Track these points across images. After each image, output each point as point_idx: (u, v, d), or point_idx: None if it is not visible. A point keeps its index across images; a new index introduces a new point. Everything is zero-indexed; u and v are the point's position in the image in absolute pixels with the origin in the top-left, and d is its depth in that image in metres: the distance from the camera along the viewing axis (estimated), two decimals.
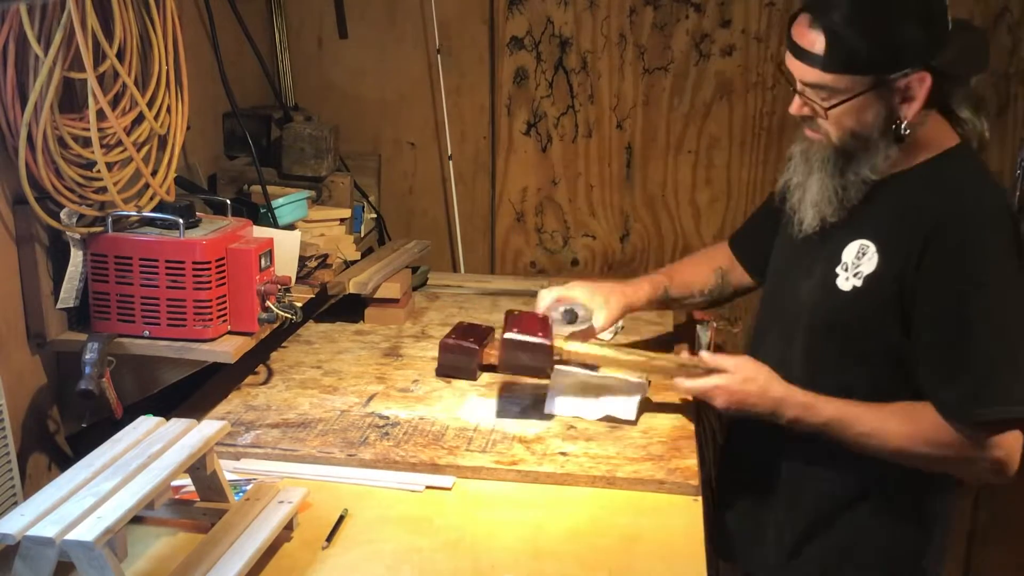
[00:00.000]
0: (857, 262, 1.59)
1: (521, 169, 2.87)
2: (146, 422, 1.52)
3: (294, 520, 1.52)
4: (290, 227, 2.26)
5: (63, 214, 1.70)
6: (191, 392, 1.98)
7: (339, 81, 2.86)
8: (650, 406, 1.92)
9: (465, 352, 2.05)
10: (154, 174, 1.83)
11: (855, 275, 1.59)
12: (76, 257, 1.77)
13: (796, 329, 1.69)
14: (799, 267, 1.71)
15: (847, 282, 1.60)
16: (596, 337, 1.95)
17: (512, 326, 1.85)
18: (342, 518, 1.56)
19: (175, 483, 1.45)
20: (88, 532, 1.21)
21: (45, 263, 1.73)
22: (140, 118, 1.78)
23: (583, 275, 2.87)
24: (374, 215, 2.79)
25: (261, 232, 2.00)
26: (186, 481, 1.53)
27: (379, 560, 1.46)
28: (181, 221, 1.78)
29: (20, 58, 1.60)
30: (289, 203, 2.29)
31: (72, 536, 1.20)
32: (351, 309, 2.39)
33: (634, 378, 1.95)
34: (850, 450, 1.60)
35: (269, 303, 1.86)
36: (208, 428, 1.50)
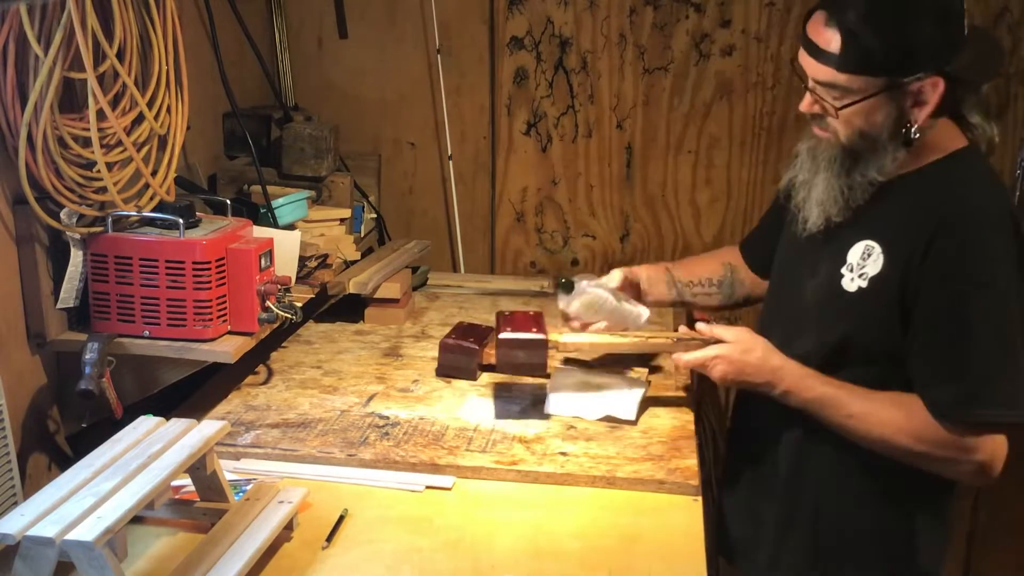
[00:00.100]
0: (863, 263, 1.59)
1: (521, 169, 2.87)
2: (146, 422, 1.52)
3: (294, 520, 1.52)
4: (290, 227, 2.26)
5: (63, 214, 1.70)
6: (191, 392, 1.98)
7: (339, 81, 2.86)
8: (650, 406, 1.92)
9: (465, 352, 2.05)
10: (154, 174, 1.83)
11: (860, 276, 1.59)
12: (76, 257, 1.77)
13: (800, 328, 1.69)
14: (804, 266, 1.71)
15: (852, 283, 1.60)
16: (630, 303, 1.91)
17: (506, 325, 1.86)
18: (342, 518, 1.56)
19: (175, 483, 1.45)
20: (88, 532, 1.21)
21: (45, 263, 1.73)
22: (140, 118, 1.78)
23: (583, 275, 2.86)
24: (374, 215, 2.79)
25: (261, 232, 2.00)
26: (186, 481, 1.53)
27: (379, 560, 1.46)
28: (181, 221, 1.78)
29: (20, 58, 1.60)
30: (289, 203, 2.29)
31: (72, 536, 1.20)
32: (351, 309, 2.39)
33: (634, 378, 1.96)
34: (835, 434, 1.60)
35: (269, 303, 1.86)
36: (208, 428, 1.50)
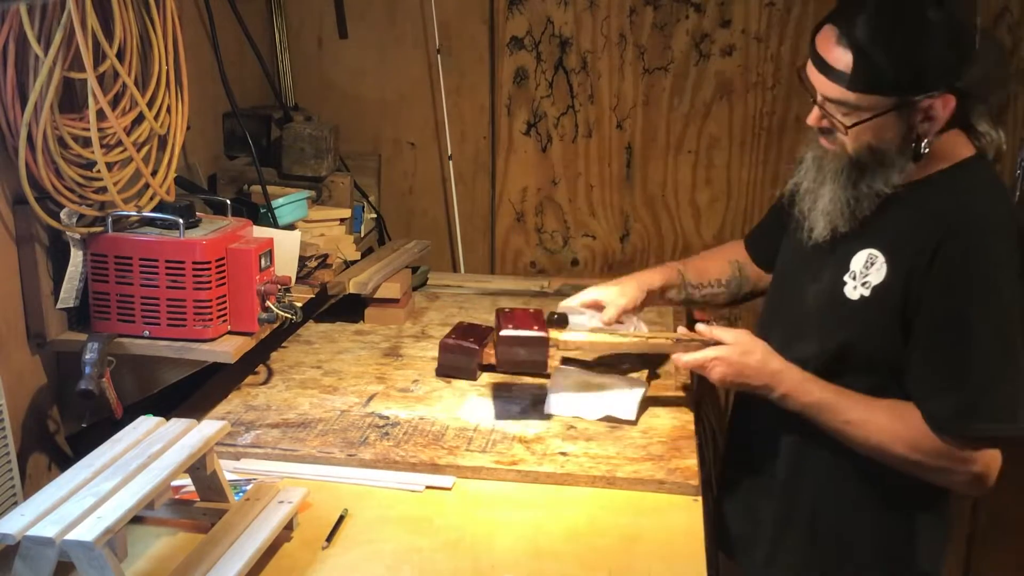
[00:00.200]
0: (866, 271, 1.58)
1: (521, 169, 2.87)
2: (146, 422, 1.52)
3: (294, 520, 1.52)
4: (290, 227, 2.26)
5: (63, 214, 1.70)
6: (191, 392, 1.98)
7: (339, 81, 2.86)
8: (650, 406, 1.92)
9: (465, 352, 2.05)
10: (154, 174, 1.83)
11: (863, 284, 1.58)
12: (76, 257, 1.77)
13: (800, 332, 1.69)
14: (807, 272, 1.70)
15: (855, 291, 1.59)
16: (620, 322, 1.90)
17: (507, 323, 1.85)
18: (342, 518, 1.56)
19: (175, 483, 1.45)
20: (88, 532, 1.21)
21: (45, 263, 1.73)
22: (140, 118, 1.78)
23: (583, 275, 2.87)
24: (374, 215, 2.79)
25: (261, 232, 2.00)
26: (186, 481, 1.53)
27: (379, 560, 1.46)
28: (181, 221, 1.78)
29: (20, 58, 1.60)
30: (289, 203, 2.29)
31: (72, 536, 1.20)
32: (351, 309, 2.39)
33: (634, 378, 1.95)
34: (832, 437, 1.60)
35: (269, 303, 1.86)
36: (208, 428, 1.50)
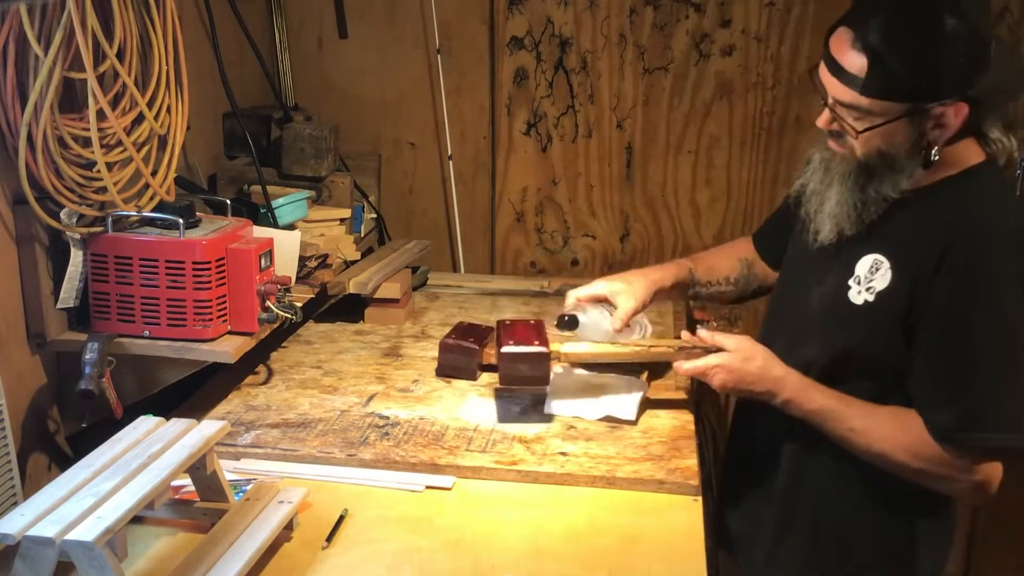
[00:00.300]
0: (870, 276, 1.58)
1: (521, 169, 2.87)
2: (146, 422, 1.52)
3: (294, 520, 1.52)
4: (290, 227, 2.26)
5: (63, 214, 1.70)
6: (191, 392, 1.98)
7: (339, 81, 2.86)
8: (650, 406, 1.92)
9: (465, 352, 2.05)
10: (154, 174, 1.83)
11: (867, 289, 1.58)
12: (76, 257, 1.77)
13: (803, 335, 1.68)
14: (812, 274, 1.70)
15: (859, 295, 1.59)
16: (627, 326, 1.89)
17: (508, 338, 1.84)
18: (342, 518, 1.56)
19: (175, 483, 1.45)
20: (88, 532, 1.21)
21: (45, 263, 1.73)
22: (140, 118, 1.78)
23: (583, 275, 2.87)
24: (374, 215, 2.79)
25: (261, 232, 2.00)
26: (186, 481, 1.53)
27: (379, 560, 1.46)
28: (181, 221, 1.78)
29: (20, 58, 1.60)
30: (289, 203, 2.29)
31: (72, 536, 1.20)
32: (351, 309, 2.39)
33: (634, 378, 1.95)
34: (835, 443, 1.60)
35: (269, 303, 1.86)
36: (208, 428, 1.50)
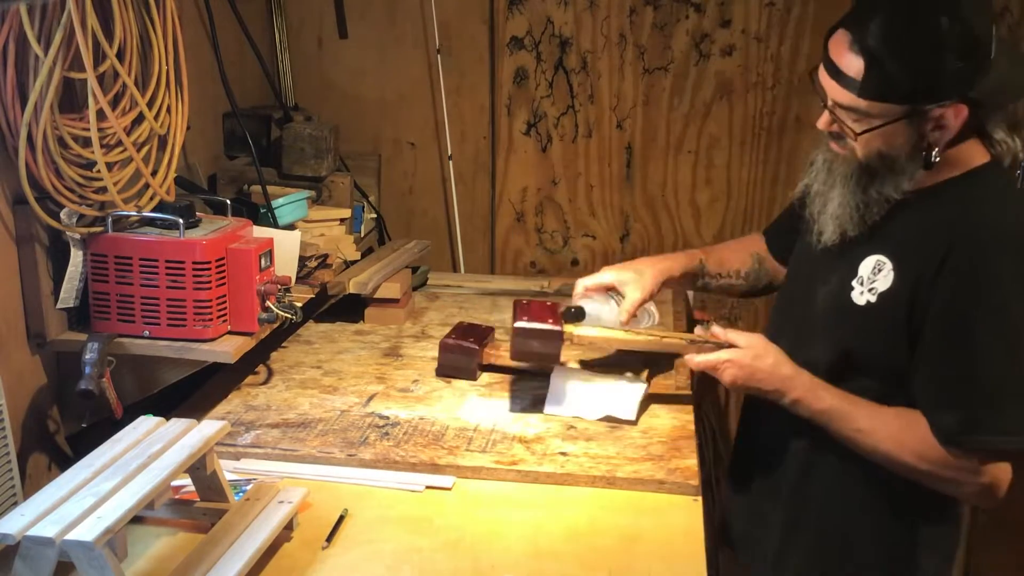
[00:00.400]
0: (873, 277, 1.58)
1: (521, 169, 2.87)
2: (146, 422, 1.52)
3: (294, 520, 1.52)
4: (290, 227, 2.26)
5: (63, 214, 1.70)
6: (191, 392, 1.98)
7: (339, 81, 2.86)
8: (650, 406, 1.92)
9: (465, 352, 2.05)
10: (154, 174, 1.83)
11: (870, 290, 1.58)
12: (76, 257, 1.77)
13: (808, 335, 1.68)
14: (817, 274, 1.69)
15: (862, 296, 1.59)
16: (634, 316, 1.89)
17: (522, 314, 1.86)
18: (342, 518, 1.56)
19: (175, 483, 1.45)
20: (88, 532, 1.21)
21: (45, 263, 1.73)
22: (140, 118, 1.78)
23: (583, 275, 2.84)
24: (374, 215, 2.79)
25: (261, 232, 2.00)
26: (186, 481, 1.53)
27: (379, 560, 1.46)
28: (181, 221, 1.78)
29: (20, 58, 1.60)
30: (289, 203, 2.29)
31: (72, 536, 1.20)
32: (351, 309, 2.39)
33: (634, 377, 1.95)
34: (842, 444, 1.60)
35: (269, 303, 1.86)
36: (208, 428, 1.50)
